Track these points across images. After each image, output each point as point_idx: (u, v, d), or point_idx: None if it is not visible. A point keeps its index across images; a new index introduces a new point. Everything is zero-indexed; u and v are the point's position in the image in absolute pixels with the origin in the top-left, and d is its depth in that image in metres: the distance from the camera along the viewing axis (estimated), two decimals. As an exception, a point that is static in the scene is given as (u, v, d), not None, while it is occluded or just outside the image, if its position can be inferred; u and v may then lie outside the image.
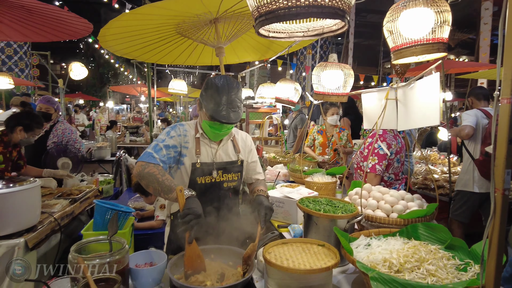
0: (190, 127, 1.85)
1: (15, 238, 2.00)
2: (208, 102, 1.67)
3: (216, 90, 1.66)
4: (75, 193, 2.98)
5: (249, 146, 1.98)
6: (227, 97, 1.66)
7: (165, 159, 1.70)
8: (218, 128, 1.72)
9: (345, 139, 4.20)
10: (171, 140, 1.75)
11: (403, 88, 1.83)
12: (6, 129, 2.84)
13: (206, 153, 1.81)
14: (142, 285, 1.48)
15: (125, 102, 23.48)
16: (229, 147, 1.88)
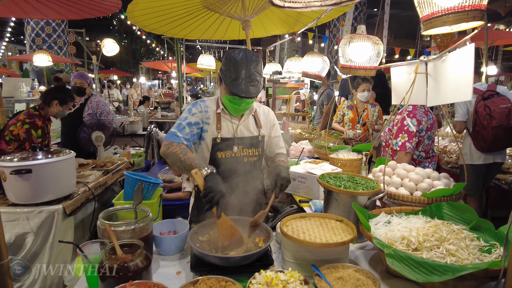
0: (212, 103, 1.87)
1: (55, 205, 2.17)
2: (227, 76, 1.67)
3: (235, 64, 1.65)
4: (108, 165, 3.14)
5: (271, 121, 1.97)
6: (246, 71, 1.64)
7: (189, 137, 1.75)
8: (238, 103, 1.72)
9: (376, 115, 4.04)
10: (193, 118, 1.79)
11: (434, 61, 1.71)
12: (43, 103, 3.02)
13: (227, 128, 1.83)
14: (165, 251, 1.57)
15: (157, 78, 23.99)
16: (250, 122, 1.88)
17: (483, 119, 3.20)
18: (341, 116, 4.22)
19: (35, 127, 2.86)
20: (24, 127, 2.82)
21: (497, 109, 3.12)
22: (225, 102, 1.78)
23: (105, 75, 17.07)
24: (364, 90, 3.97)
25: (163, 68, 14.66)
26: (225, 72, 1.69)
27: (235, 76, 1.64)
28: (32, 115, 2.92)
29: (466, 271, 1.06)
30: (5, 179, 2.07)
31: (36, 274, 2.17)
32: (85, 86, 3.95)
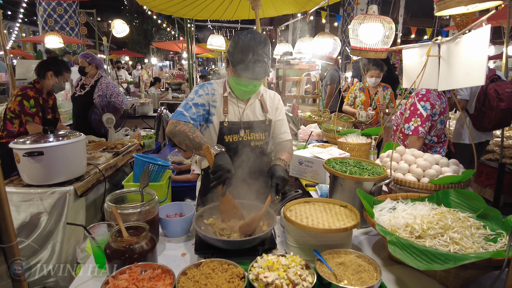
0: (218, 86, 1.86)
1: (67, 186, 2.23)
2: (234, 58, 1.65)
3: (242, 45, 1.62)
4: (119, 147, 3.20)
5: (276, 104, 1.95)
6: (253, 53, 1.62)
7: (195, 116, 1.74)
8: (245, 85, 1.70)
9: (388, 98, 3.94)
10: (199, 99, 1.79)
11: (448, 43, 1.64)
12: (38, 77, 3.00)
13: (234, 112, 1.83)
14: (171, 233, 1.61)
15: (169, 59, 23.90)
16: (256, 107, 1.87)
17: (492, 101, 3.26)
18: (353, 98, 4.12)
19: (27, 98, 2.83)
20: (17, 100, 2.83)
21: (505, 92, 3.20)
22: (232, 85, 1.77)
23: (116, 56, 17.11)
24: (372, 76, 3.87)
25: (174, 48, 14.57)
26: (232, 53, 1.66)
27: (243, 58, 1.62)
28: (24, 88, 2.91)
29: (468, 260, 1.05)
30: (19, 161, 2.13)
31: (51, 251, 2.27)
32: (84, 65, 3.92)
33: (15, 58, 11.27)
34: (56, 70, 2.98)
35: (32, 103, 2.84)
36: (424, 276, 1.29)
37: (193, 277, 1.14)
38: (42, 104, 2.95)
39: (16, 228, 2.22)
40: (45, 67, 2.96)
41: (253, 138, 1.85)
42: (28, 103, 2.82)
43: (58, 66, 3.00)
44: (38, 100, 2.89)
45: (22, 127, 2.88)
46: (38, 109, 2.87)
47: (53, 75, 2.97)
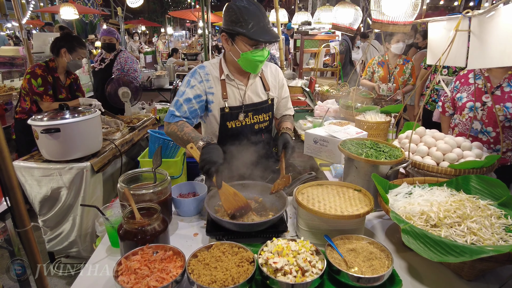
0: (213, 68, 1.73)
1: (84, 162, 2.29)
2: (245, 26, 1.52)
3: (248, 12, 1.52)
4: (134, 122, 3.22)
5: (280, 81, 1.86)
6: (262, 17, 1.54)
7: (187, 114, 1.67)
8: (261, 54, 1.58)
9: (408, 72, 3.74)
10: (191, 91, 1.67)
11: (479, 17, 1.49)
12: (52, 55, 2.96)
13: (234, 95, 1.73)
14: (185, 212, 1.63)
15: (186, 28, 23.49)
16: (258, 86, 1.77)
17: None
18: (371, 73, 3.92)
19: (35, 76, 2.80)
20: (26, 78, 2.82)
21: None
22: (245, 60, 1.61)
23: (133, 26, 16.93)
24: (398, 41, 3.64)
25: (190, 17, 14.23)
26: (240, 24, 1.53)
27: (255, 23, 1.51)
28: (34, 66, 2.88)
29: (485, 254, 1.01)
30: (38, 137, 2.18)
31: (72, 223, 2.38)
32: (114, 42, 4.00)
33: (34, 29, 11.36)
34: (69, 46, 2.90)
35: (40, 82, 2.81)
36: (438, 265, 1.26)
37: (204, 259, 1.16)
38: (52, 83, 2.91)
39: (39, 201, 2.32)
40: (57, 44, 2.91)
41: (257, 121, 1.78)
42: (35, 82, 2.80)
43: (71, 42, 2.92)
44: (46, 78, 2.84)
45: (33, 104, 2.91)
46: (46, 88, 2.84)
47: (67, 52, 2.89)
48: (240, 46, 1.59)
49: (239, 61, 1.64)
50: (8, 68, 4.82)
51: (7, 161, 0.84)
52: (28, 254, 0.94)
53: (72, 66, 2.99)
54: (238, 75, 1.74)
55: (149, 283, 1.04)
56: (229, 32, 1.58)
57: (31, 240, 0.93)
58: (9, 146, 3.67)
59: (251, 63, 1.62)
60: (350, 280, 1.09)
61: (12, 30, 14.62)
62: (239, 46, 1.59)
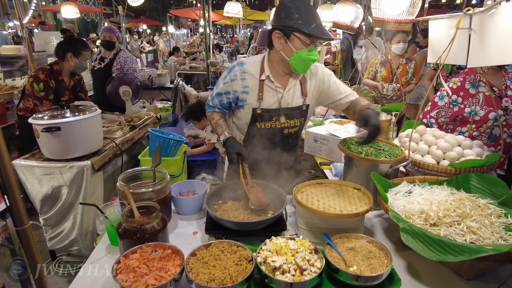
0: (252, 68, 1.68)
1: (84, 160, 2.29)
2: (304, 23, 1.48)
3: (304, 9, 1.50)
4: (135, 120, 3.22)
5: (320, 78, 1.75)
6: (315, 12, 1.53)
7: (219, 106, 1.77)
8: (315, 53, 1.55)
9: (411, 72, 3.70)
10: (223, 87, 1.71)
11: (481, 15, 1.48)
12: (58, 59, 2.96)
13: (270, 98, 1.69)
14: (184, 211, 1.63)
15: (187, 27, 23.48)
16: (296, 90, 1.71)
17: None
18: (373, 73, 3.85)
19: (38, 81, 2.81)
20: (29, 81, 2.83)
21: None
22: (299, 59, 1.55)
23: (134, 24, 16.94)
24: (399, 42, 3.59)
25: (191, 16, 14.24)
26: (298, 21, 1.49)
27: (313, 20, 1.49)
28: (38, 69, 2.87)
29: (485, 253, 1.00)
30: (38, 136, 2.18)
31: (72, 222, 2.39)
32: (113, 40, 3.97)
33: (36, 28, 11.38)
34: (74, 50, 2.90)
35: (41, 87, 2.81)
36: (437, 264, 1.26)
37: (202, 258, 1.16)
38: (54, 87, 2.90)
39: (40, 199, 2.33)
40: (62, 48, 2.90)
41: (287, 125, 1.73)
42: (37, 86, 2.80)
43: (75, 46, 2.92)
44: (48, 83, 2.84)
45: (36, 105, 2.92)
46: (47, 93, 2.84)
47: (73, 56, 2.90)
48: (296, 44, 1.53)
49: (291, 60, 1.57)
50: (9, 67, 4.83)
51: (5, 160, 0.85)
52: (27, 252, 0.95)
53: (78, 69, 3.03)
54: (279, 77, 1.68)
55: (148, 282, 1.04)
56: (284, 29, 1.53)
57: (29, 239, 0.93)
58: (12, 144, 3.68)
59: (305, 62, 1.56)
60: (348, 279, 1.09)
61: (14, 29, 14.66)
62: (294, 44, 1.53)
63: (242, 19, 13.04)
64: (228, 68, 1.73)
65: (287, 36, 1.54)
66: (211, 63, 6.21)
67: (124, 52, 4.06)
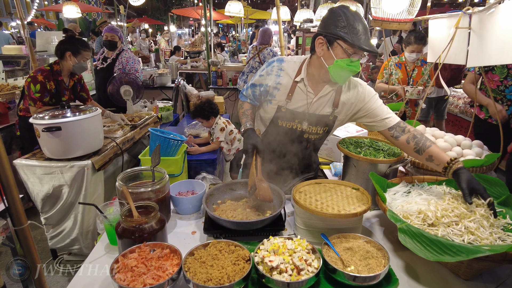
0: (291, 67, 1.68)
1: (85, 160, 2.30)
2: (350, 32, 1.45)
3: (351, 18, 1.46)
4: (136, 120, 3.23)
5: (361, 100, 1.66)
6: (364, 24, 1.48)
7: (251, 97, 1.81)
8: (357, 65, 1.52)
9: (427, 74, 3.46)
10: (259, 79, 1.74)
11: (480, 14, 1.48)
12: (57, 58, 2.93)
13: (298, 100, 1.68)
14: (183, 211, 1.64)
15: (189, 26, 23.49)
16: (328, 100, 1.68)
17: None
18: (388, 75, 3.54)
19: (35, 82, 2.76)
20: (27, 81, 2.80)
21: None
22: (338, 68, 1.51)
23: (136, 24, 16.93)
24: (413, 52, 3.39)
25: (193, 15, 14.24)
26: (345, 30, 1.46)
27: (357, 31, 1.45)
28: (37, 70, 2.84)
29: (482, 253, 1.00)
30: (39, 136, 2.20)
31: (73, 221, 2.40)
32: (116, 40, 3.98)
33: (39, 28, 11.42)
34: (74, 49, 2.86)
35: (38, 88, 2.77)
36: (435, 265, 1.26)
37: (200, 257, 1.16)
38: (52, 89, 2.87)
39: (41, 199, 2.34)
40: (62, 47, 2.87)
41: (309, 130, 1.71)
42: (34, 87, 2.76)
43: (75, 45, 2.88)
44: (45, 85, 2.81)
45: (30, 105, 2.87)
46: (42, 95, 2.80)
47: (72, 55, 2.87)
48: (337, 51, 1.50)
49: (330, 67, 1.54)
50: (11, 66, 4.85)
51: (3, 160, 0.85)
52: (25, 251, 0.95)
53: (77, 68, 2.97)
54: (314, 82, 1.66)
55: (145, 281, 1.05)
56: (328, 35, 1.51)
57: (28, 238, 0.94)
58: (14, 144, 3.69)
59: (344, 72, 1.53)
60: (346, 279, 1.09)
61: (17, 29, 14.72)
62: (336, 52, 1.50)
63: (244, 18, 13.04)
64: (268, 62, 1.76)
65: (330, 43, 1.51)
66: (212, 62, 6.21)
67: (127, 52, 4.08)
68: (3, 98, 3.80)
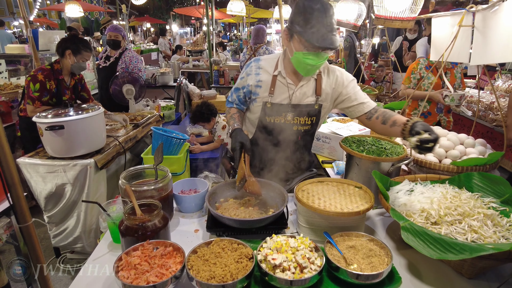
0: (268, 64, 1.74)
1: (87, 158, 2.31)
2: (304, 25, 1.47)
3: (312, 11, 1.47)
4: (138, 119, 3.24)
5: (343, 84, 1.71)
6: (326, 19, 1.47)
7: (237, 101, 1.85)
8: (314, 59, 1.53)
9: (459, 77, 3.12)
10: (241, 82, 1.80)
11: (483, 12, 1.47)
12: (58, 56, 2.92)
13: (281, 93, 1.71)
14: (186, 209, 1.64)
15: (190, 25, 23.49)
16: (309, 88, 1.71)
17: None
18: (417, 80, 3.11)
19: (35, 81, 2.74)
20: (27, 80, 2.77)
21: None
22: (297, 60, 1.56)
23: (138, 23, 16.98)
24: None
25: (195, 14, 14.26)
26: (300, 22, 1.48)
27: (315, 25, 1.45)
28: (38, 69, 2.83)
29: (485, 251, 1.00)
30: (42, 134, 2.21)
31: (76, 219, 2.41)
32: (119, 39, 3.98)
33: (41, 27, 11.45)
34: (74, 48, 2.84)
35: (37, 87, 2.75)
36: (438, 263, 1.26)
37: (203, 255, 1.16)
38: (52, 89, 2.85)
39: (44, 197, 2.35)
40: (63, 45, 2.85)
41: (297, 122, 1.74)
42: (33, 86, 2.74)
43: (76, 44, 2.85)
44: (44, 85, 2.78)
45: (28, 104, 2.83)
46: (41, 94, 2.78)
47: (71, 54, 2.84)
48: (295, 44, 1.54)
49: (292, 59, 1.60)
50: (14, 66, 4.87)
51: (8, 158, 0.86)
52: (29, 249, 0.96)
53: (75, 68, 2.93)
54: (292, 74, 1.70)
55: (149, 279, 1.05)
56: (289, 28, 1.56)
57: (32, 235, 0.94)
58: (17, 142, 3.70)
59: (302, 65, 1.57)
60: (349, 277, 1.09)
61: (19, 28, 14.76)
62: (294, 44, 1.55)
63: (246, 17, 13.04)
64: (246, 64, 1.82)
65: (291, 35, 1.55)
66: (214, 61, 6.21)
67: (130, 52, 4.09)
68: (6, 97, 3.81)
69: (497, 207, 1.31)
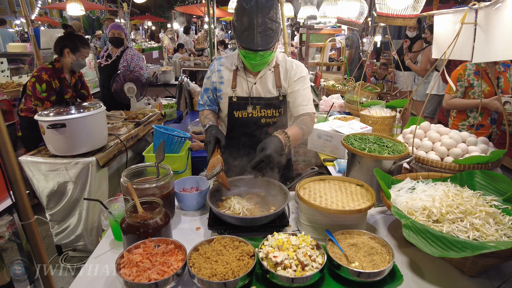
0: (228, 60, 1.80)
1: (89, 157, 2.32)
2: (238, 28, 1.52)
3: (244, 12, 1.49)
4: (140, 117, 3.24)
5: (292, 78, 1.76)
6: (257, 19, 1.47)
7: (208, 102, 1.85)
8: (252, 58, 1.57)
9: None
10: (207, 82, 1.83)
11: (486, 9, 1.46)
12: (57, 55, 2.90)
13: (242, 86, 1.75)
14: (187, 207, 1.64)
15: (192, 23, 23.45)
16: (268, 80, 1.75)
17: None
18: (464, 88, 2.76)
19: (40, 81, 2.72)
20: (31, 81, 2.75)
21: None
22: (242, 58, 1.65)
23: (139, 21, 16.96)
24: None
25: (196, 12, 14.23)
26: (235, 23, 1.54)
27: (246, 27, 1.49)
28: (41, 69, 2.80)
29: (487, 249, 1.00)
30: (44, 133, 2.21)
31: (78, 217, 2.42)
32: (122, 36, 3.98)
33: (43, 26, 11.47)
34: (72, 46, 2.82)
35: (44, 88, 2.73)
36: (440, 261, 1.26)
37: (205, 253, 1.17)
38: (57, 87, 2.83)
39: (46, 195, 2.36)
40: (60, 44, 2.83)
41: (264, 115, 1.77)
42: (40, 87, 2.71)
43: (73, 42, 2.82)
44: (50, 84, 2.76)
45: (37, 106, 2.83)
46: (49, 94, 2.77)
47: (70, 52, 2.82)
48: (238, 43, 1.59)
49: (239, 55, 1.68)
50: (16, 64, 4.88)
51: (10, 155, 0.86)
52: (32, 246, 0.96)
53: (76, 66, 2.92)
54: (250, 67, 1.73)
55: (150, 276, 1.05)
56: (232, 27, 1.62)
57: (34, 233, 0.94)
58: (19, 141, 3.70)
59: (246, 62, 1.65)
60: (350, 275, 1.09)
61: (21, 27, 14.78)
62: (238, 43, 1.60)
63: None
64: (210, 64, 1.86)
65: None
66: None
67: (131, 50, 4.08)
68: (8, 95, 3.82)
69: (499, 205, 1.31)
